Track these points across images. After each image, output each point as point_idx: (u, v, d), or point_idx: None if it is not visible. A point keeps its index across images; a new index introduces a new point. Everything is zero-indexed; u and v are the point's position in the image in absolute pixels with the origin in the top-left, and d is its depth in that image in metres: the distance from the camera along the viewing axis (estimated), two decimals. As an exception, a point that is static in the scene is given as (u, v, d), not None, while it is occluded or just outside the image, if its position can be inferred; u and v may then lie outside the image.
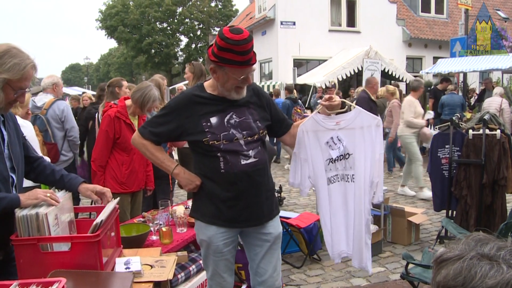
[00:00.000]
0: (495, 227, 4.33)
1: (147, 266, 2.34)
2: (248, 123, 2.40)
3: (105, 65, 62.95)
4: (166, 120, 2.42)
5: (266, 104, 2.54)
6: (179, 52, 39.47)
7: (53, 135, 5.00)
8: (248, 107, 2.44)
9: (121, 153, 3.85)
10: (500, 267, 0.84)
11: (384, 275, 4.29)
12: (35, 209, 2.00)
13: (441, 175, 4.92)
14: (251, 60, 2.24)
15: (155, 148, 2.47)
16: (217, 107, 2.38)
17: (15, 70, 1.94)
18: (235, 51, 2.17)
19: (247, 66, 2.25)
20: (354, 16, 19.31)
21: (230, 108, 2.39)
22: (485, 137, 4.42)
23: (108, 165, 3.85)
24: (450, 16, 21.52)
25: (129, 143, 3.79)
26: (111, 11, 36.62)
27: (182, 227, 3.33)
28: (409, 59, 20.38)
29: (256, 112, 2.47)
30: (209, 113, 2.37)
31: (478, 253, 0.88)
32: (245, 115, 2.42)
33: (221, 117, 2.37)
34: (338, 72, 15.07)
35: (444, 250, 0.94)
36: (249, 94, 2.46)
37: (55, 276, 1.79)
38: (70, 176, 2.36)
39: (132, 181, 3.92)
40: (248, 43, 2.19)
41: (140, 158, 3.94)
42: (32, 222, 1.97)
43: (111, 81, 5.29)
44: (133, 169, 3.90)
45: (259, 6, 20.45)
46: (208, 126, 2.35)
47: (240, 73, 2.26)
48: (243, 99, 2.42)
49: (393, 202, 6.48)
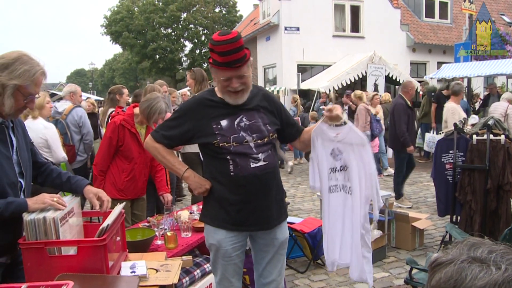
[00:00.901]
0: (500, 232, 4.32)
1: (152, 270, 2.36)
2: (258, 126, 2.42)
3: (109, 70, 63.22)
4: (178, 123, 2.47)
5: (276, 109, 2.56)
6: (184, 57, 39.57)
7: (72, 138, 5.50)
8: (258, 111, 2.47)
9: (123, 160, 3.85)
10: (489, 269, 0.86)
11: (388, 280, 4.29)
12: (42, 213, 2.03)
13: (445, 180, 4.92)
14: (235, 62, 2.24)
15: (166, 152, 2.51)
16: (228, 110, 2.42)
17: (25, 77, 1.98)
18: (216, 52, 2.24)
19: (228, 68, 2.26)
20: (358, 21, 19.31)
21: (240, 111, 2.42)
22: (489, 142, 4.42)
23: (109, 171, 3.87)
24: (454, 21, 21.49)
25: (131, 151, 3.81)
26: (116, 17, 36.80)
27: (187, 232, 3.35)
28: (413, 64, 20.35)
29: (266, 116, 2.49)
30: (219, 116, 2.40)
31: (469, 257, 0.90)
32: (255, 118, 2.44)
33: (231, 120, 2.40)
34: (342, 77, 15.08)
35: (438, 255, 0.96)
36: (259, 98, 2.50)
37: (62, 280, 1.82)
38: (76, 178, 2.40)
39: (131, 189, 3.90)
40: (229, 43, 2.20)
41: (141, 168, 3.93)
42: (40, 226, 1.99)
43: (112, 89, 5.46)
44: (133, 178, 3.88)
45: (263, 11, 20.51)
46: (219, 129, 2.38)
47: (221, 74, 2.30)
48: (253, 103, 2.46)
49: (397, 207, 6.48)
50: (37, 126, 4.60)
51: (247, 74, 2.34)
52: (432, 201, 7.02)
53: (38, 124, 4.66)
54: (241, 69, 2.30)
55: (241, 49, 2.26)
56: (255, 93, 2.51)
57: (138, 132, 3.88)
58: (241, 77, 2.31)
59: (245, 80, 2.34)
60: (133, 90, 42.96)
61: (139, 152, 3.86)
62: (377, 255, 4.74)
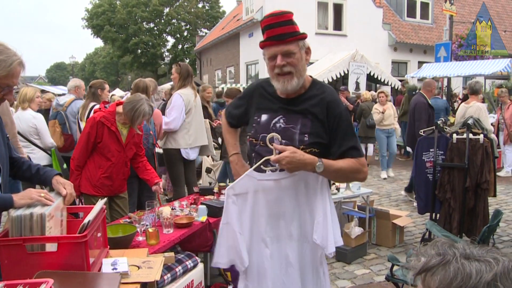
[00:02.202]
0: (478, 230, 4.41)
1: (134, 267, 2.33)
2: (292, 134, 2.16)
3: (90, 64, 62.39)
4: (240, 104, 2.47)
5: (329, 121, 2.17)
6: (166, 52, 39.29)
7: (70, 127, 5.77)
8: (304, 116, 2.18)
9: (101, 157, 3.79)
10: (489, 262, 0.89)
11: (369, 277, 4.33)
12: (29, 209, 1.98)
13: (425, 178, 4.99)
14: (279, 37, 2.07)
15: (227, 130, 2.57)
16: (273, 105, 2.26)
17: (1, 67, 1.91)
18: (262, 29, 2.15)
19: (272, 43, 2.09)
20: (341, 19, 19.42)
21: (282, 110, 2.22)
22: (468, 141, 4.50)
23: (86, 166, 3.81)
24: (435, 21, 21.78)
25: (109, 149, 3.75)
26: (97, 10, 36.30)
27: (169, 228, 3.32)
28: (394, 63, 20.57)
29: (312, 124, 2.16)
30: (263, 109, 2.28)
31: (460, 254, 0.92)
32: (295, 123, 2.18)
33: (270, 117, 2.24)
34: (324, 75, 15.12)
35: (425, 259, 0.96)
36: (313, 102, 2.19)
37: (42, 277, 1.78)
38: (45, 169, 2.35)
39: (107, 187, 3.83)
40: (274, 17, 2.09)
41: (119, 166, 3.86)
42: (26, 222, 1.94)
43: (94, 83, 5.41)
44: (109, 176, 3.81)
45: (247, 8, 20.46)
46: (257, 122, 2.29)
47: (267, 53, 2.15)
48: (302, 106, 2.19)
49: (377, 204, 6.54)
50: (27, 116, 5.26)
51: (296, 53, 2.11)
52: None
53: (28, 115, 5.28)
54: (287, 45, 2.08)
55: (287, 24, 2.09)
56: (313, 95, 2.21)
57: (119, 131, 3.80)
58: (288, 54, 2.09)
59: (293, 60, 2.10)
60: (114, 84, 42.49)
61: (118, 151, 3.80)
62: (358, 252, 4.79)
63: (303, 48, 2.16)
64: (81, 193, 3.77)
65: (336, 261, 4.69)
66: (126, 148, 3.86)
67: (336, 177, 2.27)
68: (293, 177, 2.14)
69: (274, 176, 2.15)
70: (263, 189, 2.16)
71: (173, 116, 5.08)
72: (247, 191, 2.17)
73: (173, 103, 5.12)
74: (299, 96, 2.22)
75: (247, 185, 2.17)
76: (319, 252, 2.24)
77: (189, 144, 5.24)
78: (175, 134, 5.19)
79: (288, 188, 2.15)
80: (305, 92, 2.22)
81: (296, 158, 2.01)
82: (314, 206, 2.18)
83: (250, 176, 2.16)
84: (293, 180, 2.14)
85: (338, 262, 4.67)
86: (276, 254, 2.20)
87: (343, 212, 5.40)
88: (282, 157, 2.01)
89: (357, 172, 2.18)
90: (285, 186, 2.15)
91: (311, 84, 2.26)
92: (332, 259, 4.74)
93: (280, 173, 2.13)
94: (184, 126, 5.19)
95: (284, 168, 2.06)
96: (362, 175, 2.22)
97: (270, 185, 2.15)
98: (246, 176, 2.17)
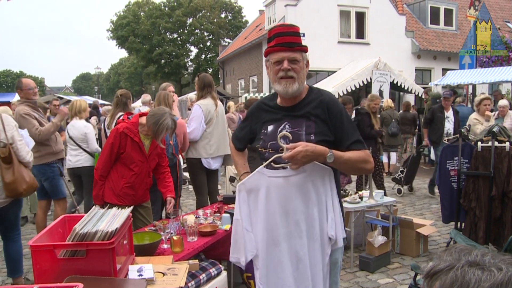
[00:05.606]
0: (504, 239, 4.32)
1: (159, 273, 2.38)
2: (298, 136, 2.29)
3: (115, 74, 63.53)
4: (243, 126, 2.64)
5: (332, 119, 2.31)
6: (189, 62, 39.76)
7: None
8: (307, 119, 2.32)
9: (124, 167, 3.82)
10: (491, 271, 0.89)
11: (392, 286, 4.29)
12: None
13: (450, 187, 4.93)
14: (288, 44, 2.26)
15: (235, 152, 2.74)
16: (276, 115, 2.40)
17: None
18: (271, 36, 2.32)
19: (280, 48, 2.27)
20: (363, 27, 19.36)
21: (286, 117, 2.37)
22: (494, 149, 4.43)
23: (109, 175, 3.84)
24: (459, 28, 21.50)
25: (132, 160, 3.79)
26: (122, 22, 37.06)
27: (193, 236, 3.37)
28: (418, 70, 20.35)
29: (316, 125, 2.30)
30: (268, 121, 2.43)
31: (467, 261, 0.93)
32: (300, 126, 2.31)
33: (276, 126, 2.38)
34: (347, 83, 15.09)
35: (433, 263, 0.98)
36: (314, 105, 2.34)
37: (71, 282, 1.85)
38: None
39: (129, 197, 3.84)
40: (283, 26, 2.29)
41: (142, 177, 3.88)
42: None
43: (125, 93, 5.44)
44: (132, 185, 3.84)
45: (269, 17, 20.58)
46: (264, 134, 2.42)
47: (273, 58, 2.31)
48: (304, 110, 2.34)
49: (401, 213, 6.48)
50: (79, 125, 5.89)
51: (300, 61, 2.29)
52: (437, 208, 7.03)
53: (80, 124, 5.90)
54: (294, 53, 2.27)
55: (295, 35, 2.29)
56: (312, 99, 2.36)
57: (142, 141, 3.83)
58: (293, 61, 2.27)
59: (297, 67, 2.27)
60: (138, 94, 43.25)
61: (141, 161, 3.83)
62: (382, 261, 4.75)
63: (305, 60, 2.35)
64: (104, 202, 3.83)
65: (360, 270, 4.66)
66: (149, 158, 3.89)
67: (346, 168, 2.35)
68: (302, 174, 2.24)
69: (284, 173, 2.26)
70: (274, 186, 2.27)
71: (193, 127, 5.16)
72: (259, 188, 2.30)
73: (193, 114, 5.21)
74: (300, 102, 2.38)
75: (258, 182, 2.31)
76: (328, 248, 2.32)
77: (210, 154, 5.28)
78: (196, 144, 5.26)
79: (297, 185, 2.26)
80: (305, 98, 2.38)
81: (310, 150, 2.13)
82: (323, 203, 2.30)
83: (260, 172, 2.30)
84: (302, 177, 2.25)
85: (361, 271, 4.64)
86: (286, 250, 2.29)
87: (366, 221, 5.37)
88: (296, 152, 2.11)
89: (364, 162, 2.32)
90: (294, 183, 2.26)
91: (309, 91, 2.42)
92: (355, 268, 4.72)
93: (289, 170, 2.24)
94: (205, 136, 5.25)
95: (299, 163, 2.15)
96: (370, 165, 2.36)
97: (280, 182, 2.27)
98: (257, 172, 2.31)
